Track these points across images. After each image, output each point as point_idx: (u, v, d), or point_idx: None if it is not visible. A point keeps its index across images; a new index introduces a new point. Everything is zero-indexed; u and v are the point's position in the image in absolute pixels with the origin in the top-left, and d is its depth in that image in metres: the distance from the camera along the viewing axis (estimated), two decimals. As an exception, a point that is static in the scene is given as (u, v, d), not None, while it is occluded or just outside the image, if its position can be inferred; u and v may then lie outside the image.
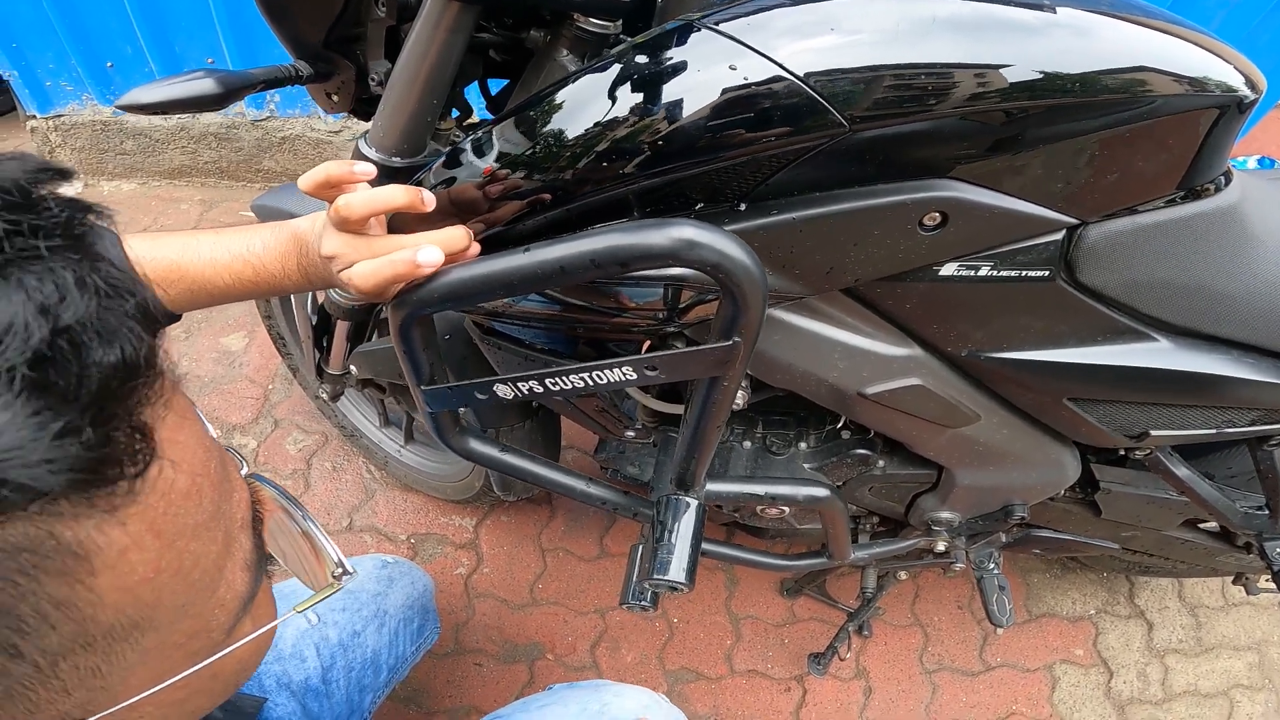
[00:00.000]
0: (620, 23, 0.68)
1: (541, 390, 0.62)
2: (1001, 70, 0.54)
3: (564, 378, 0.61)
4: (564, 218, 0.62)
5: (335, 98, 0.83)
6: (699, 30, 0.55)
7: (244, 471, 0.39)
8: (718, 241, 0.46)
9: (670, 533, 0.74)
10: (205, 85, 0.70)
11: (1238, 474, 1.10)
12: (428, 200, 0.56)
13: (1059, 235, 0.65)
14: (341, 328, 1.09)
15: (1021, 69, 0.54)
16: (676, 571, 0.71)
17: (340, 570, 0.41)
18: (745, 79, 0.53)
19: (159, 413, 0.28)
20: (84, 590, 0.26)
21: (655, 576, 0.71)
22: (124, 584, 0.28)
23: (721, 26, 0.55)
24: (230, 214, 2.61)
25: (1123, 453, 0.98)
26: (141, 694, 0.31)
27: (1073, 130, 0.57)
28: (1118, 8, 0.60)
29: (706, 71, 0.54)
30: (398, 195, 0.55)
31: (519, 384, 0.62)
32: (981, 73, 0.54)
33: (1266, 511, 1.06)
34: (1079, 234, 0.65)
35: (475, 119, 0.87)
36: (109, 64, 2.52)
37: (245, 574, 0.36)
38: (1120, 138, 0.59)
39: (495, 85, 0.87)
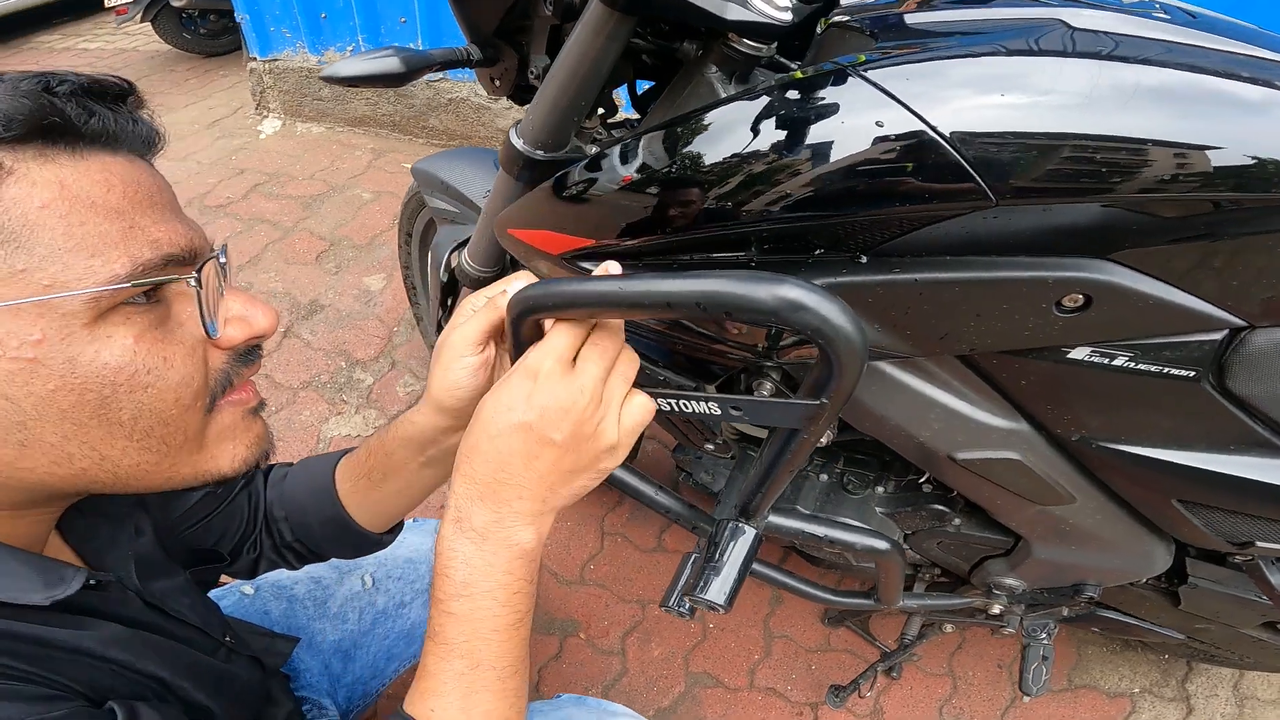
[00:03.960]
0: (775, 45, 0.60)
1: None
2: (1209, 153, 0.42)
3: (660, 397, 0.55)
4: (689, 242, 0.56)
5: (498, 82, 0.83)
6: (851, 77, 0.46)
7: (222, 257, 0.45)
8: (823, 307, 0.38)
9: (722, 556, 0.68)
10: (392, 64, 0.74)
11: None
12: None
13: (1218, 335, 0.52)
14: (466, 294, 1.07)
15: (1233, 153, 0.42)
16: (717, 594, 0.66)
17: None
18: (887, 134, 0.44)
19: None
20: None
21: (697, 593, 0.67)
22: (17, 198, 0.35)
23: (871, 74, 0.46)
24: (394, 164, 2.65)
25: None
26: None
27: (1272, 226, 0.45)
28: None
29: (849, 123, 0.45)
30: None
31: None
32: (1183, 154, 0.42)
33: (1350, 624, 0.90)
34: (1242, 337, 0.53)
35: (621, 116, 0.83)
36: (323, 15, 2.62)
37: (126, 265, 0.38)
38: None
39: (642, 85, 0.82)
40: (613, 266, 0.49)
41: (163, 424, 0.42)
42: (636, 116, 0.83)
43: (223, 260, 0.45)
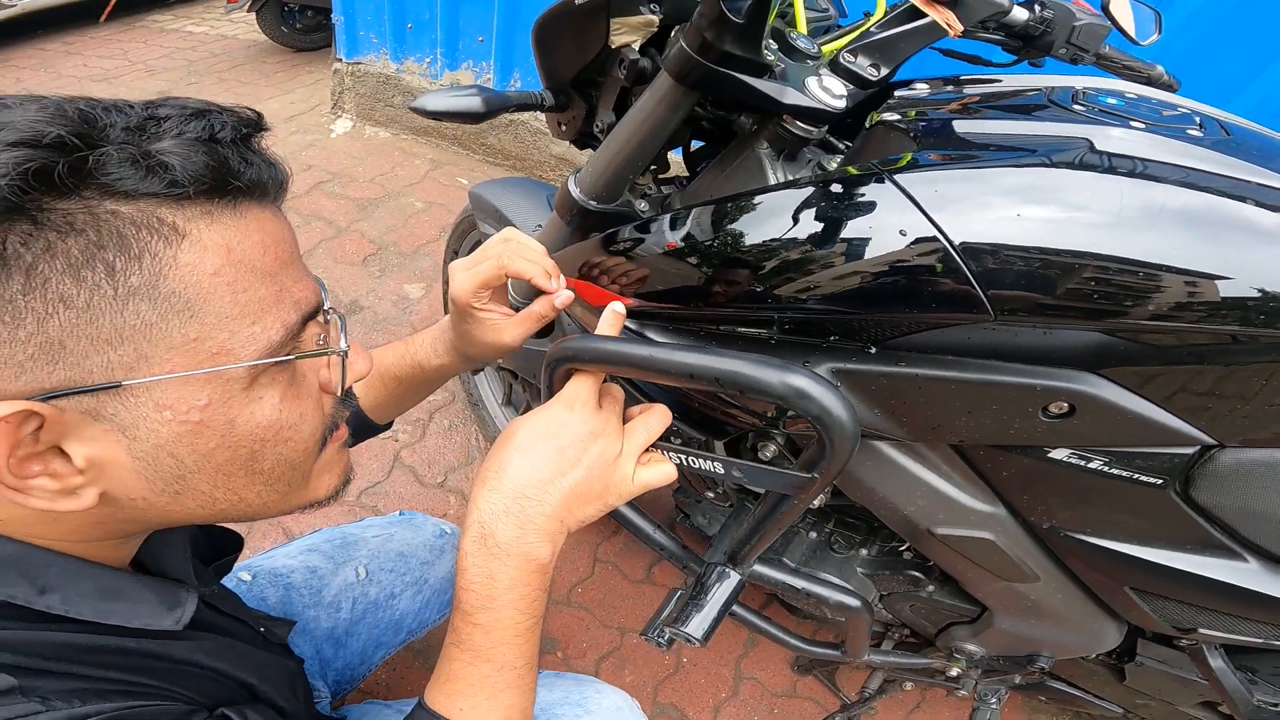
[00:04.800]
0: (825, 128, 0.62)
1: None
2: (1218, 283, 0.43)
3: (666, 450, 0.57)
4: (716, 315, 0.58)
5: (564, 127, 0.85)
6: (883, 180, 0.48)
7: (327, 302, 0.44)
8: (825, 399, 0.41)
9: (707, 595, 0.71)
10: (474, 103, 0.76)
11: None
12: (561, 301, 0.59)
13: (1190, 450, 0.54)
14: None
15: (1241, 284, 0.43)
16: (696, 628, 0.68)
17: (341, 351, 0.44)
18: (906, 242, 0.46)
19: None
20: (169, 251, 0.33)
21: (678, 625, 0.69)
22: (193, 265, 0.34)
23: (901, 179, 0.48)
24: (449, 177, 2.66)
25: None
26: (171, 374, 0.34)
27: (1256, 358, 0.47)
28: None
29: (874, 226, 0.47)
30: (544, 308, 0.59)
31: None
32: (1194, 282, 0.43)
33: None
34: (1212, 454, 0.55)
35: (672, 172, 0.84)
36: (409, 26, 2.59)
37: (280, 331, 0.38)
38: None
39: (695, 141, 0.83)
40: (618, 306, 0.54)
41: (292, 468, 0.43)
42: (686, 175, 0.85)
43: (328, 305, 0.45)
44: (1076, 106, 0.58)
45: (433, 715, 0.48)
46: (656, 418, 0.52)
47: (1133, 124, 0.55)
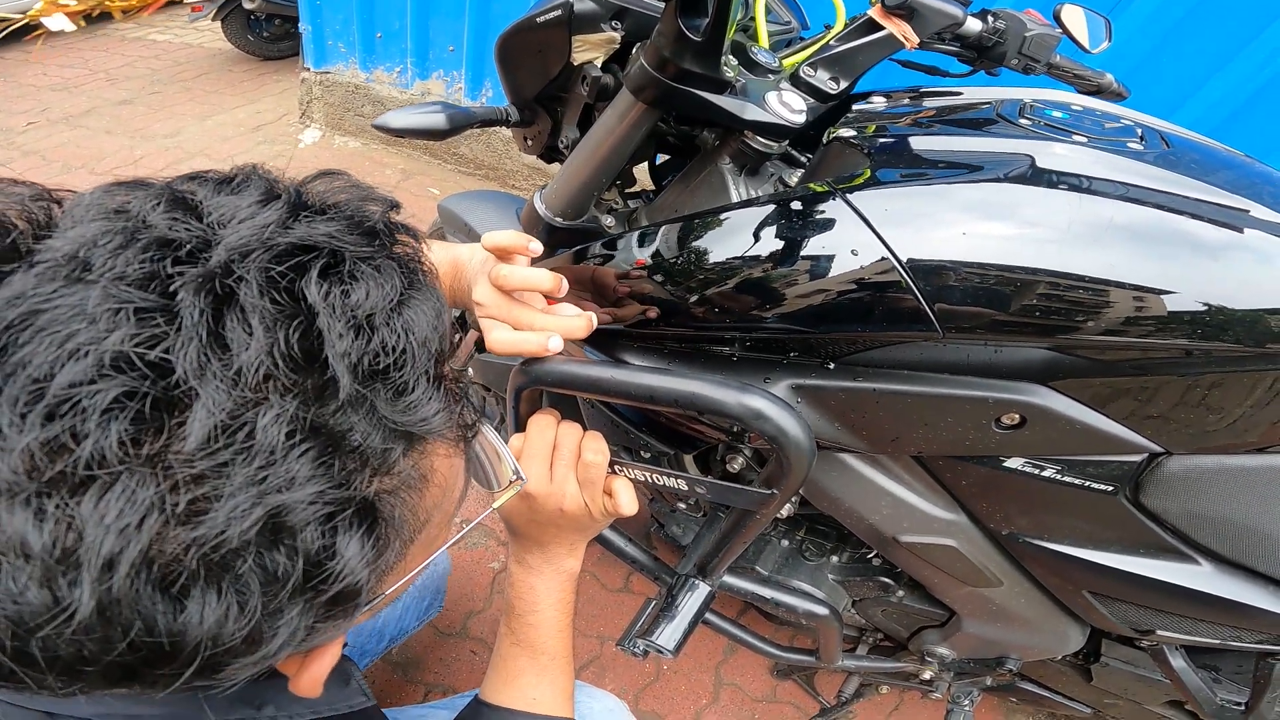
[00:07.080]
0: (785, 142, 0.63)
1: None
2: (1164, 297, 0.45)
3: (630, 469, 0.58)
4: (677, 333, 0.58)
5: (530, 142, 0.86)
6: (835, 199, 0.49)
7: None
8: (781, 419, 0.43)
9: (677, 607, 0.72)
10: (438, 120, 0.76)
11: (1244, 671, 0.97)
12: (564, 288, 0.54)
13: (1138, 458, 0.56)
14: (473, 335, 1.13)
15: (1186, 298, 0.44)
16: (667, 640, 0.69)
17: (516, 475, 0.45)
18: (859, 262, 0.47)
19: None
20: (420, 499, 0.34)
21: (650, 637, 0.70)
22: (431, 494, 0.35)
23: (853, 198, 0.49)
24: (420, 187, 2.63)
25: (1129, 632, 0.87)
26: (411, 573, 0.38)
27: (1201, 369, 0.48)
28: None
29: (827, 246, 0.48)
30: (545, 280, 0.53)
31: None
32: (1141, 297, 0.44)
33: (1243, 708, 0.94)
34: (1159, 461, 0.56)
35: (638, 187, 0.85)
36: (378, 35, 2.55)
37: (465, 478, 0.41)
38: (1246, 383, 0.49)
39: (660, 154, 0.84)
40: (592, 320, 0.54)
41: None
42: (652, 188, 0.85)
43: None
44: (1023, 120, 0.59)
45: (502, 710, 0.58)
46: (594, 461, 0.55)
47: (1075, 138, 0.56)
